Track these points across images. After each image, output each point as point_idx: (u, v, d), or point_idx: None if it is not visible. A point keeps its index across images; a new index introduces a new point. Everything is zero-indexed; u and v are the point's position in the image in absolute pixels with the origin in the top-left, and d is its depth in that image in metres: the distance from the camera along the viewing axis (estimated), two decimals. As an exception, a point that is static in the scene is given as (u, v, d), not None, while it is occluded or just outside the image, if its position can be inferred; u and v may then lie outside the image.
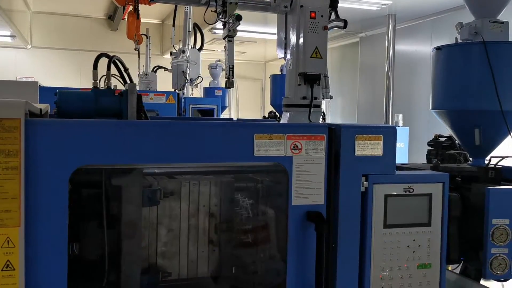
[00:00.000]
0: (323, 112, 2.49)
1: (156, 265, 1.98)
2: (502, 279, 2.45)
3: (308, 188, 1.80)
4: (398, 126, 7.58)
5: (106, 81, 2.14)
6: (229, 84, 3.00)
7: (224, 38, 3.06)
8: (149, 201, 1.88)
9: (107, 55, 2.19)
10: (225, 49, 3.10)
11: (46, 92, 4.96)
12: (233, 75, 3.04)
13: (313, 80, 2.56)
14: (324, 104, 3.06)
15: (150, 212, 1.95)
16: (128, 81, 2.28)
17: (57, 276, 1.47)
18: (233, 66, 3.03)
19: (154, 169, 2.03)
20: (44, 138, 1.45)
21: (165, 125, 1.67)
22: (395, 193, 1.89)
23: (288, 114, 2.55)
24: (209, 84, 9.51)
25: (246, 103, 14.58)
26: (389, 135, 1.89)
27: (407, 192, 1.90)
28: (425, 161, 3.40)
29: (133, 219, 1.80)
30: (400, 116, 7.96)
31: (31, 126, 1.43)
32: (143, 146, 1.59)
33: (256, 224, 2.21)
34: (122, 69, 2.28)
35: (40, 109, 1.85)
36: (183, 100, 6.41)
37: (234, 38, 3.04)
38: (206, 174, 2.29)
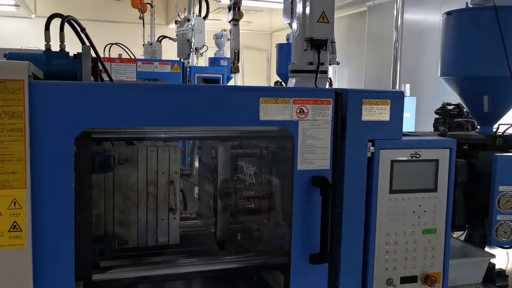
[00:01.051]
0: (330, 78, 2.46)
1: (113, 233, 1.94)
2: (506, 246, 2.46)
3: (314, 153, 1.78)
4: (405, 96, 7.50)
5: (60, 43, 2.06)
6: (235, 70, 2.96)
7: (229, 22, 3.00)
8: (101, 167, 1.80)
9: (60, 15, 2.10)
10: (230, 33, 3.04)
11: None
12: (238, 60, 2.99)
13: (320, 45, 2.52)
14: (331, 71, 3.02)
15: (107, 179, 1.90)
16: (87, 44, 2.13)
17: (64, 237, 1.48)
18: (238, 51, 2.99)
19: (160, 134, 2.03)
20: (48, 100, 1.44)
21: (172, 88, 1.66)
22: (402, 158, 1.87)
23: (294, 80, 2.52)
24: (215, 54, 9.43)
25: (252, 74, 14.45)
26: (396, 100, 1.86)
27: (414, 158, 1.89)
28: (432, 130, 3.38)
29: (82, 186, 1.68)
30: (407, 86, 7.88)
31: (35, 88, 1.42)
32: (148, 109, 1.58)
33: (258, 192, 2.22)
34: (79, 29, 2.16)
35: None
36: (188, 69, 6.36)
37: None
38: (210, 139, 2.29)
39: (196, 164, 2.57)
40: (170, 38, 8.36)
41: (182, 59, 6.84)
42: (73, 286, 1.53)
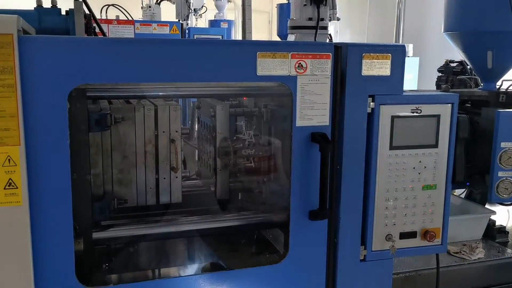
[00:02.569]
0: (330, 35, 2.40)
1: (112, 192, 1.93)
2: (507, 202, 2.46)
3: (313, 109, 1.75)
4: (408, 56, 7.39)
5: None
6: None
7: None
8: (97, 126, 1.77)
9: None
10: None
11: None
12: None
13: (320, -1, 2.44)
14: (331, 29, 2.96)
15: (104, 137, 1.87)
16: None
17: (61, 195, 1.47)
18: None
19: (157, 92, 2.00)
20: (39, 55, 1.41)
21: (168, 43, 1.61)
22: (402, 114, 1.84)
23: (293, 36, 2.47)
24: (215, 17, 9.26)
25: (253, 37, 14.23)
26: (397, 53, 1.82)
27: (415, 113, 1.86)
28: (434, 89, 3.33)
29: (79, 144, 1.67)
30: (411, 46, 7.75)
31: (24, 43, 1.38)
32: (144, 64, 1.54)
33: (256, 150, 2.21)
34: None
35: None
36: (187, 31, 6.25)
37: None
38: (208, 96, 2.26)
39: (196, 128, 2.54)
40: (168, 0, 8.19)
41: (180, 21, 6.71)
42: (72, 244, 1.53)
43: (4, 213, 1.39)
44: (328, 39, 2.48)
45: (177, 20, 6.85)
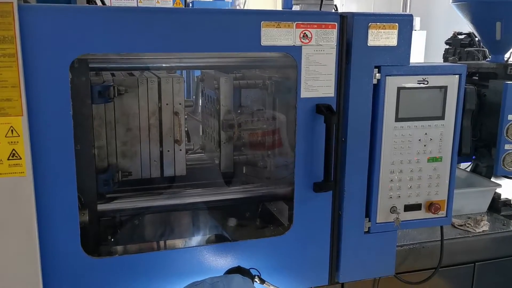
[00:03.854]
0: (335, 5, 2.35)
1: (116, 165, 1.92)
2: (513, 176, 2.44)
3: (318, 80, 1.73)
4: (415, 30, 7.26)
5: None
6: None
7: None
8: (100, 98, 1.76)
9: None
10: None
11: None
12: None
13: (326, -31, 2.38)
14: (338, 1, 2.89)
15: (107, 109, 1.86)
16: None
17: (65, 166, 1.47)
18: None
19: (161, 63, 1.98)
20: (40, 24, 1.39)
21: (171, 12, 1.58)
22: (409, 85, 1.81)
23: (298, 7, 2.42)
24: (218, -10, 9.11)
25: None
26: (404, 23, 1.78)
27: (421, 85, 1.83)
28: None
29: (83, 116, 1.65)
30: (418, 19, 7.60)
31: (25, 11, 1.36)
32: (146, 34, 1.52)
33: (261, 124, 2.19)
34: None
35: None
36: (191, 4, 6.16)
37: None
38: (212, 68, 2.23)
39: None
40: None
41: (184, -6, 6.61)
42: (77, 215, 1.53)
43: (9, 184, 1.39)
44: (333, 10, 2.43)
45: (180, -7, 6.74)
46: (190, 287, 1.34)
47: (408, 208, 1.92)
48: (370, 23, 1.73)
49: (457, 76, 1.87)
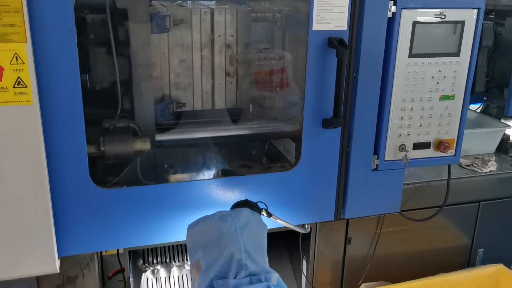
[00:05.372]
0: None
1: (169, 96, 1.94)
2: (524, 116, 2.41)
3: (331, 12, 1.66)
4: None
5: None
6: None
7: None
8: (158, 27, 1.76)
9: None
10: None
11: None
12: None
13: None
14: None
15: (161, 40, 1.85)
16: None
17: (71, 94, 1.44)
18: None
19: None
20: None
21: None
22: (425, 19, 1.75)
23: None
24: None
25: None
26: (424, -48, 1.69)
27: (438, 19, 1.76)
28: None
29: (142, 45, 1.69)
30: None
31: None
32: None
33: (274, 57, 2.13)
34: None
35: None
36: None
37: None
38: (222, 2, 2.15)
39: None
40: None
41: None
42: (84, 145, 1.52)
43: (15, 113, 1.37)
44: None
45: None
46: (200, 220, 1.35)
47: (417, 146, 1.90)
48: (387, -49, 1.64)
49: (475, 10, 1.79)
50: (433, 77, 1.83)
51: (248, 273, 1.21)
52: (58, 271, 1.55)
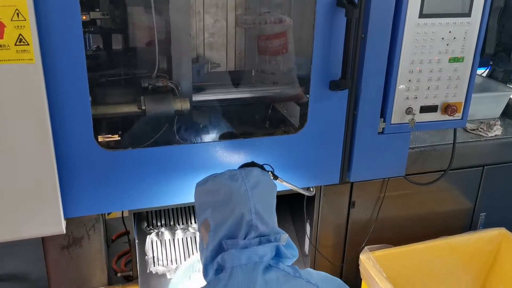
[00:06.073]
0: None
1: (204, 56, 1.93)
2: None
3: (341, -31, 1.61)
4: None
5: None
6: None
7: None
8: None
9: None
10: None
11: None
12: None
13: None
14: None
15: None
16: None
17: (74, 49, 1.40)
18: None
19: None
20: None
21: None
22: (437, -23, 1.69)
23: None
24: None
25: None
26: None
27: (450, -23, 1.71)
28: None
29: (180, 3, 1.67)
30: None
31: None
32: None
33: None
34: None
35: None
36: None
37: None
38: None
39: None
40: None
41: None
42: (88, 106, 1.49)
43: (17, 71, 1.33)
44: None
45: None
46: (209, 178, 1.33)
47: (424, 109, 1.88)
48: None
49: (488, -31, 1.74)
50: (443, 39, 1.79)
51: (258, 234, 1.20)
52: (65, 232, 1.55)
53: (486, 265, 2.28)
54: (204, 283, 1.23)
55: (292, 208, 2.30)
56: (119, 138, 1.76)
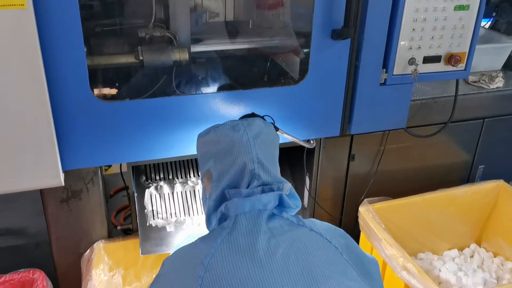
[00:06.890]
0: None
1: (202, 5, 1.86)
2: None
3: None
4: None
5: None
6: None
7: None
8: None
9: None
10: None
11: None
12: None
13: None
14: None
15: None
16: None
17: (68, -1, 1.34)
18: None
19: None
20: None
21: None
22: None
23: None
24: None
25: None
26: None
27: None
28: None
29: None
30: None
31: None
32: None
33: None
34: None
35: None
36: None
37: None
38: None
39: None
40: None
41: None
42: (83, 56, 1.44)
43: (8, 17, 1.27)
44: None
45: None
46: (210, 129, 1.31)
47: (427, 60, 1.84)
48: None
49: None
50: (448, -15, 1.73)
51: (260, 183, 1.19)
52: (63, 184, 1.53)
53: (484, 216, 2.30)
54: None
55: (290, 162, 2.29)
56: (117, 90, 1.72)
